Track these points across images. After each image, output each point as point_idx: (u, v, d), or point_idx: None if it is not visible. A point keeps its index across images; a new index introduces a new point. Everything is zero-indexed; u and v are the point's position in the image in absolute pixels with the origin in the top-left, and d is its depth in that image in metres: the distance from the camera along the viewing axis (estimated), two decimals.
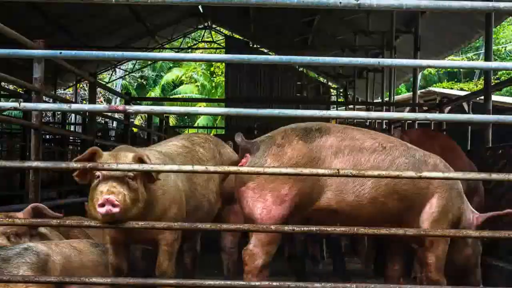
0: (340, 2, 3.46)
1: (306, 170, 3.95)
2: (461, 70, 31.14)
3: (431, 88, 24.02)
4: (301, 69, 21.77)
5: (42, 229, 4.53)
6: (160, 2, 3.96)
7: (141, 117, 29.85)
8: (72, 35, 17.68)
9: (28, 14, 14.42)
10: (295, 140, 4.64)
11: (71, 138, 14.13)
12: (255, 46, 22.72)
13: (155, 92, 34.71)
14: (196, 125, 29.75)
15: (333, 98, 22.96)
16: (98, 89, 13.76)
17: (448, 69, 30.54)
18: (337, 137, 4.70)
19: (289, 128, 4.77)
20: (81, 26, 17.10)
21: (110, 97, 32.67)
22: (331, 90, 23.40)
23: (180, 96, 32.79)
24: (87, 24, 17.02)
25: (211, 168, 4.14)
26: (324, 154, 4.63)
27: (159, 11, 18.57)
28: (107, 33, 18.91)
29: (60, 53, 3.73)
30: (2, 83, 14.59)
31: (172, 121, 27.21)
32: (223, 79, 25.01)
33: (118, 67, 27.57)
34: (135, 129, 14.39)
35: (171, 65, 36.20)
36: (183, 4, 7.26)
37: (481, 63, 4.29)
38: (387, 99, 16.83)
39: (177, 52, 22.96)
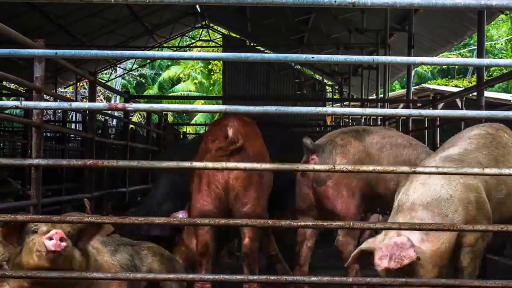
0: (335, 1, 3.40)
1: (303, 166, 4.06)
2: (455, 67, 31.25)
3: (424, 85, 24.17)
4: (298, 67, 21.88)
5: (44, 228, 4.50)
6: (158, 2, 4.03)
7: (140, 114, 29.95)
8: (72, 34, 17.78)
9: (29, 14, 14.53)
10: (352, 140, 5.70)
11: (71, 136, 14.22)
12: (252, 44, 22.82)
13: (153, 90, 34.77)
14: (194, 122, 29.85)
15: (329, 95, 23.06)
16: (98, 87, 13.84)
17: (444, 66, 30.62)
18: (379, 136, 5.83)
19: (341, 131, 5.92)
20: (81, 25, 17.21)
21: (110, 95, 32.76)
22: (327, 87, 23.51)
23: (178, 93, 32.87)
24: (86, 24, 17.11)
25: (210, 165, 4.17)
26: (373, 149, 5.73)
27: (157, 11, 18.67)
28: (107, 32, 19.00)
29: (56, 53, 3.75)
30: (4, 82, 14.71)
31: (170, 118, 27.25)
32: (221, 76, 25.08)
33: (118, 65, 27.65)
34: (134, 127, 14.49)
35: (169, 64, 36.25)
36: (180, 4, 7.35)
37: (473, 60, 4.36)
38: (381, 95, 16.95)
39: (175, 50, 23.06)
